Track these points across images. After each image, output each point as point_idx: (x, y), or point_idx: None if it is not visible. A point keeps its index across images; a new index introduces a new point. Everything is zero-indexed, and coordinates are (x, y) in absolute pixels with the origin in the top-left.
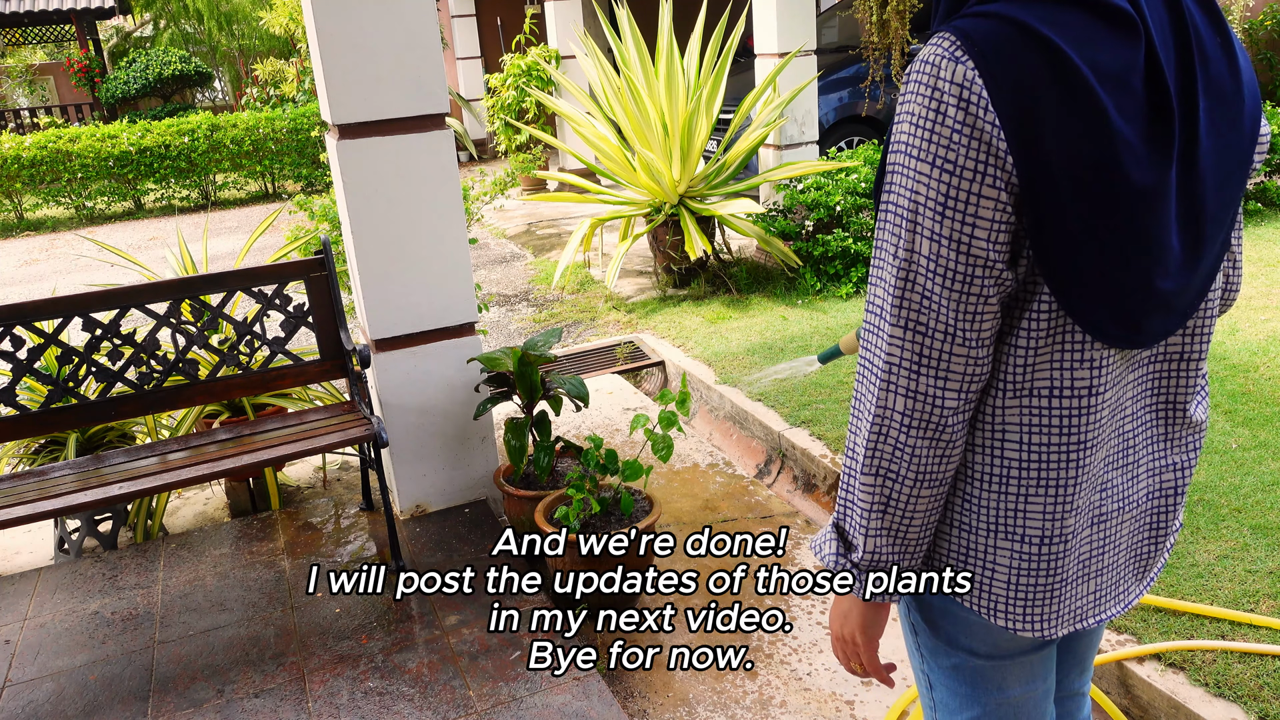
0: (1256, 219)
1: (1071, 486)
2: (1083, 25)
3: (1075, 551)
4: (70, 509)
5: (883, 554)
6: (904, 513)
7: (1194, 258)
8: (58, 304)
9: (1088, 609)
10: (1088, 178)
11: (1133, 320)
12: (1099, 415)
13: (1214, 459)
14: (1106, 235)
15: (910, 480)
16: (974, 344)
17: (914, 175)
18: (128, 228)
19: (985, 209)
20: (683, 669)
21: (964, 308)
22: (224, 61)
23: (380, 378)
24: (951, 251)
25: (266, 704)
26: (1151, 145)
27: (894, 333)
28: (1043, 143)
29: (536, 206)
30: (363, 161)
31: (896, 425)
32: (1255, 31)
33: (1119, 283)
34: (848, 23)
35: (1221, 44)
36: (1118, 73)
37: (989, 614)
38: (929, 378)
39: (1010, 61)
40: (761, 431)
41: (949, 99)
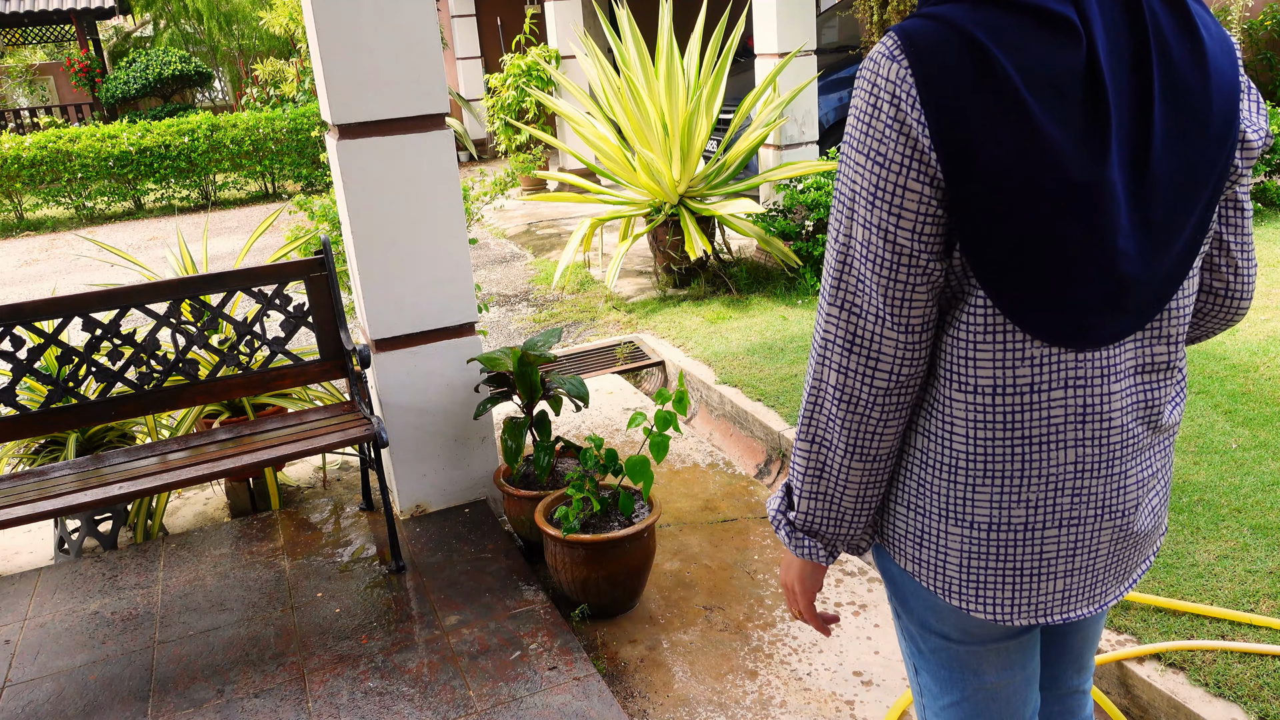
0: (1257, 219)
1: (1018, 479)
2: (1020, 30)
3: (1033, 545)
4: (70, 509)
5: (816, 518)
6: (837, 481)
7: (1144, 257)
8: (58, 304)
9: (1054, 605)
10: (1011, 177)
11: (1075, 318)
12: (1046, 413)
13: (1214, 459)
14: (1033, 235)
15: (841, 450)
16: (902, 330)
17: (852, 165)
18: (128, 228)
19: (910, 201)
20: (683, 669)
21: (891, 294)
22: (224, 61)
23: (380, 378)
24: (879, 239)
25: (266, 704)
26: (1084, 147)
27: (830, 311)
28: (969, 142)
29: (536, 206)
30: (363, 161)
31: (829, 398)
32: (1255, 31)
33: (1050, 281)
34: (848, 23)
35: (1191, 50)
36: (1050, 77)
37: (944, 594)
38: (860, 357)
39: (942, 63)
40: (761, 431)
41: (884, 95)
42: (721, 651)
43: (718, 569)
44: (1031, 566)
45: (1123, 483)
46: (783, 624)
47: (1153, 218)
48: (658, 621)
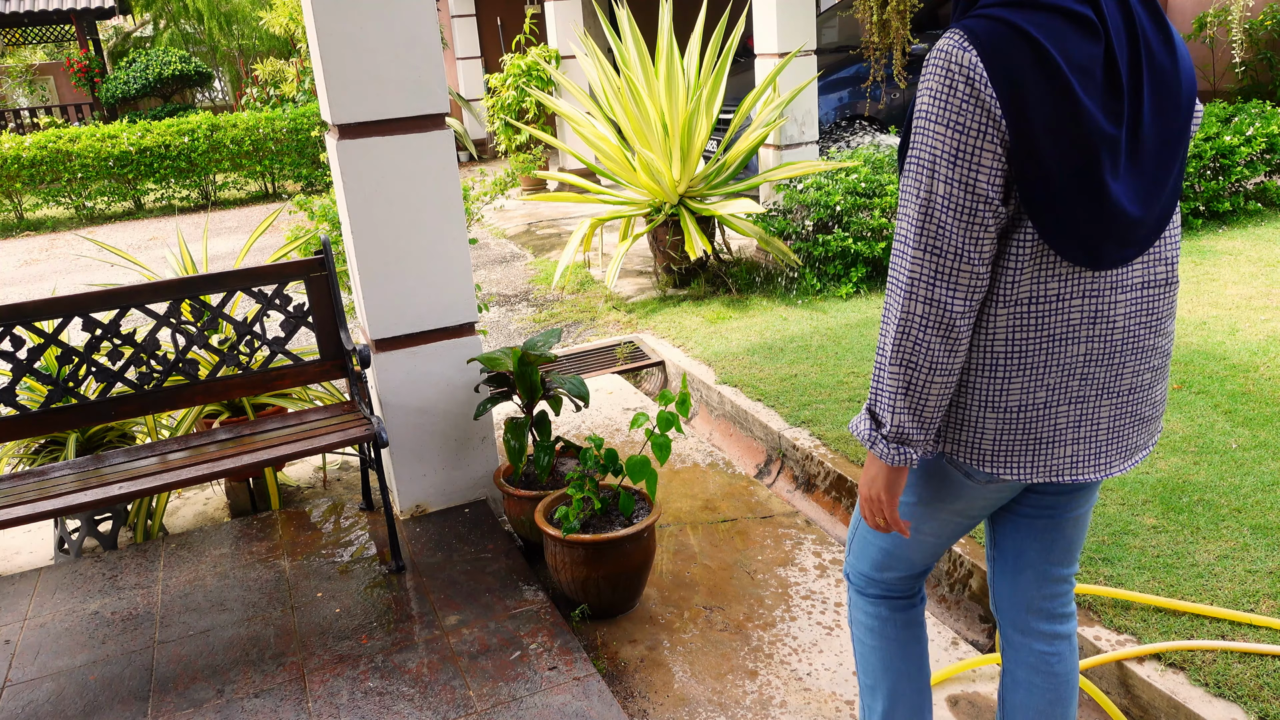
0: (1257, 219)
1: (1042, 369)
2: (1058, 26)
3: (1050, 419)
4: (70, 509)
5: (905, 428)
6: (922, 395)
7: (1142, 203)
8: (58, 304)
9: (1064, 468)
10: (1058, 137)
11: (1091, 246)
12: (1068, 317)
13: (1214, 459)
14: (1069, 183)
15: (926, 369)
16: (976, 262)
17: (932, 134)
18: (128, 228)
19: (986, 158)
20: (683, 669)
21: (970, 234)
22: (224, 61)
23: (380, 378)
24: (961, 191)
25: (266, 704)
26: (1106, 115)
27: (916, 254)
28: (1027, 110)
29: (536, 206)
30: (363, 161)
31: (917, 325)
32: (1255, 31)
33: (1077, 217)
34: (848, 23)
35: (1163, 40)
36: (1083, 62)
37: (979, 465)
38: (942, 288)
39: (1004, 52)
40: (761, 431)
41: (959, 78)
42: (721, 651)
43: (718, 569)
44: (1048, 436)
45: (1120, 372)
46: (783, 624)
47: (1145, 170)
48: (658, 621)
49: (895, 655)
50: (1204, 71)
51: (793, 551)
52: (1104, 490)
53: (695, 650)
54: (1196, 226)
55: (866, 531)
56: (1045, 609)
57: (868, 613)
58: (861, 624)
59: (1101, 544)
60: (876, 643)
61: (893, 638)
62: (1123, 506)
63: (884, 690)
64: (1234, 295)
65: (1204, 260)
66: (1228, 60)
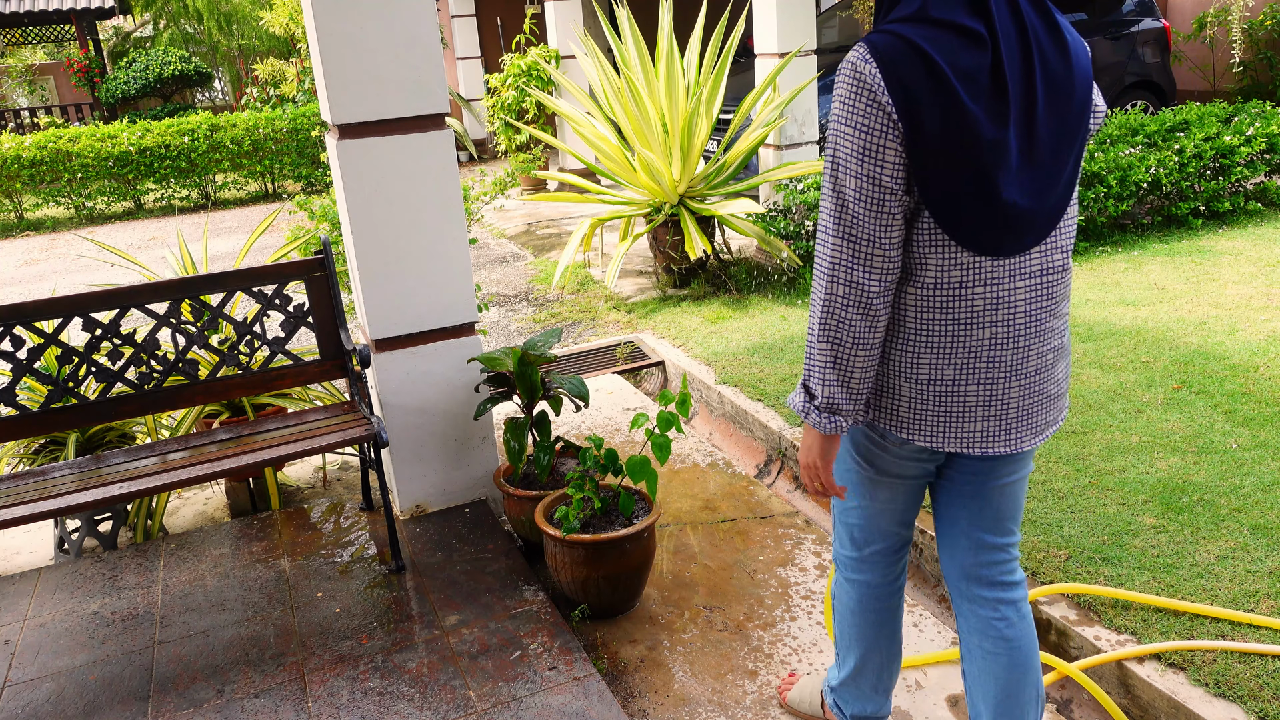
0: (1257, 219)
1: (948, 350)
2: (948, 39)
3: (959, 396)
4: (70, 509)
5: (835, 399)
6: (848, 368)
7: (1035, 196)
8: (58, 304)
9: (974, 441)
10: (947, 138)
11: (989, 237)
12: (972, 304)
13: (1214, 459)
14: (960, 178)
15: (850, 343)
16: (887, 246)
17: (842, 135)
18: (128, 228)
19: (889, 155)
20: (683, 669)
21: (879, 222)
22: (224, 61)
23: (380, 378)
24: (869, 184)
25: (266, 704)
26: (991, 117)
27: (835, 242)
28: (919, 114)
29: (536, 206)
30: (363, 161)
31: (839, 305)
32: (1255, 31)
33: (973, 211)
34: (848, 23)
35: (1056, 44)
36: (969, 70)
37: (896, 429)
38: (859, 271)
39: (899, 64)
40: (761, 431)
41: (862, 87)
42: (721, 651)
43: (718, 569)
44: (958, 410)
45: (1025, 354)
46: (783, 624)
47: (1040, 164)
48: (658, 621)
49: (869, 634)
50: (1204, 71)
51: (793, 551)
52: (1104, 490)
53: (695, 650)
54: (1196, 226)
55: (839, 514)
56: (984, 576)
57: (850, 595)
58: (843, 602)
59: (1101, 544)
60: (855, 620)
61: (872, 620)
62: (1123, 506)
63: (855, 655)
64: (1234, 295)
65: (1204, 260)
66: (1228, 60)
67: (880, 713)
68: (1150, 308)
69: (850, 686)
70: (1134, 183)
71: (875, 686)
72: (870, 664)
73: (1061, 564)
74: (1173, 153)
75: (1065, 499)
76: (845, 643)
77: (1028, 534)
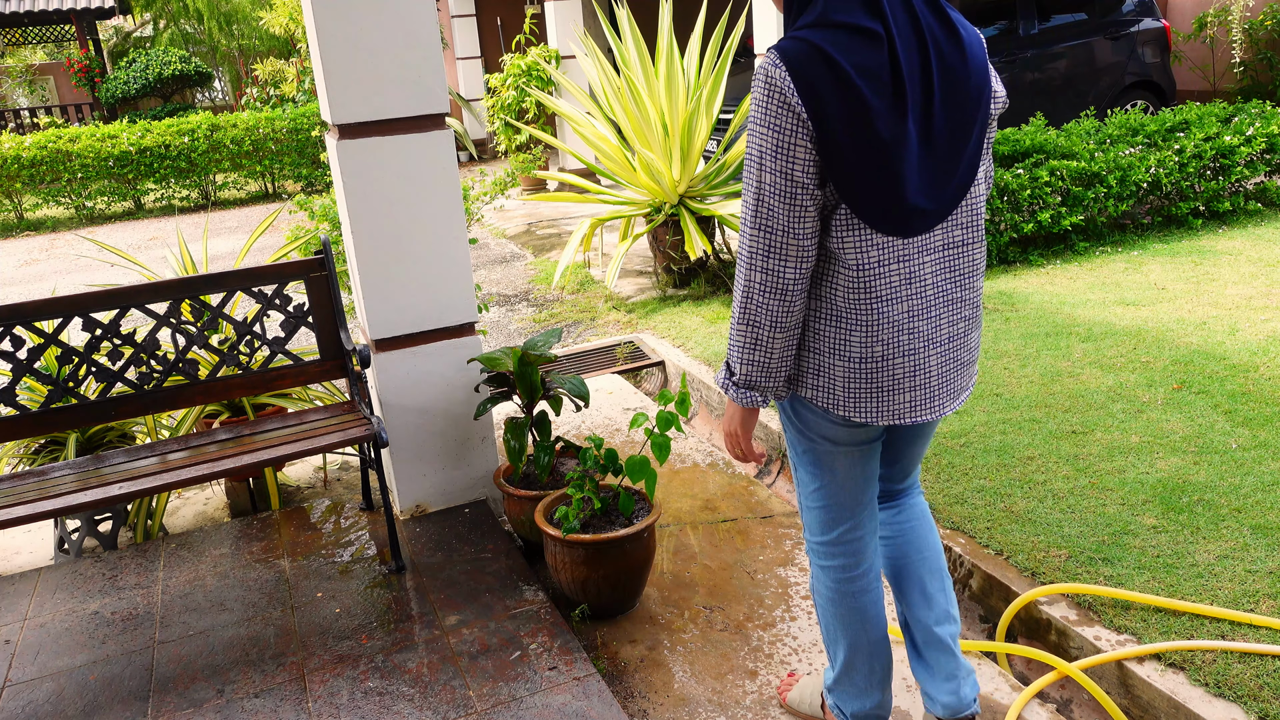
0: (1257, 219)
1: (875, 326)
2: (849, 41)
3: (888, 370)
4: (70, 509)
5: (753, 376)
6: (765, 348)
7: (936, 182)
8: (58, 304)
9: (905, 411)
10: (853, 132)
11: (898, 220)
12: (890, 280)
13: (1214, 459)
14: (867, 168)
15: (768, 326)
16: (801, 236)
17: (758, 135)
18: (128, 228)
19: (800, 152)
20: (683, 669)
21: (793, 214)
22: (224, 61)
23: (380, 378)
24: (783, 180)
25: (266, 704)
26: (893, 111)
27: (753, 233)
28: (826, 111)
29: (536, 206)
30: (363, 161)
31: (757, 291)
32: (1255, 31)
33: (880, 196)
34: None
35: (951, 39)
36: (871, 68)
37: (832, 408)
38: (775, 260)
39: (806, 66)
40: (761, 431)
41: (774, 90)
42: (721, 651)
43: (718, 569)
44: (888, 385)
45: (938, 324)
46: (783, 624)
47: (938, 154)
48: (658, 621)
49: (851, 621)
50: (1204, 71)
51: (793, 551)
52: (1104, 490)
53: (695, 650)
54: (1196, 226)
55: (805, 500)
56: (891, 504)
57: (826, 584)
58: (821, 594)
59: (1101, 544)
60: (834, 610)
61: (849, 606)
62: (1123, 506)
63: (844, 644)
64: (1234, 295)
65: (1204, 260)
66: (1228, 60)
67: (881, 709)
68: (1150, 308)
69: (845, 683)
70: (1134, 183)
71: (869, 680)
72: (859, 654)
73: (1061, 564)
74: (1173, 153)
75: (1065, 499)
76: (831, 636)
77: (1028, 534)
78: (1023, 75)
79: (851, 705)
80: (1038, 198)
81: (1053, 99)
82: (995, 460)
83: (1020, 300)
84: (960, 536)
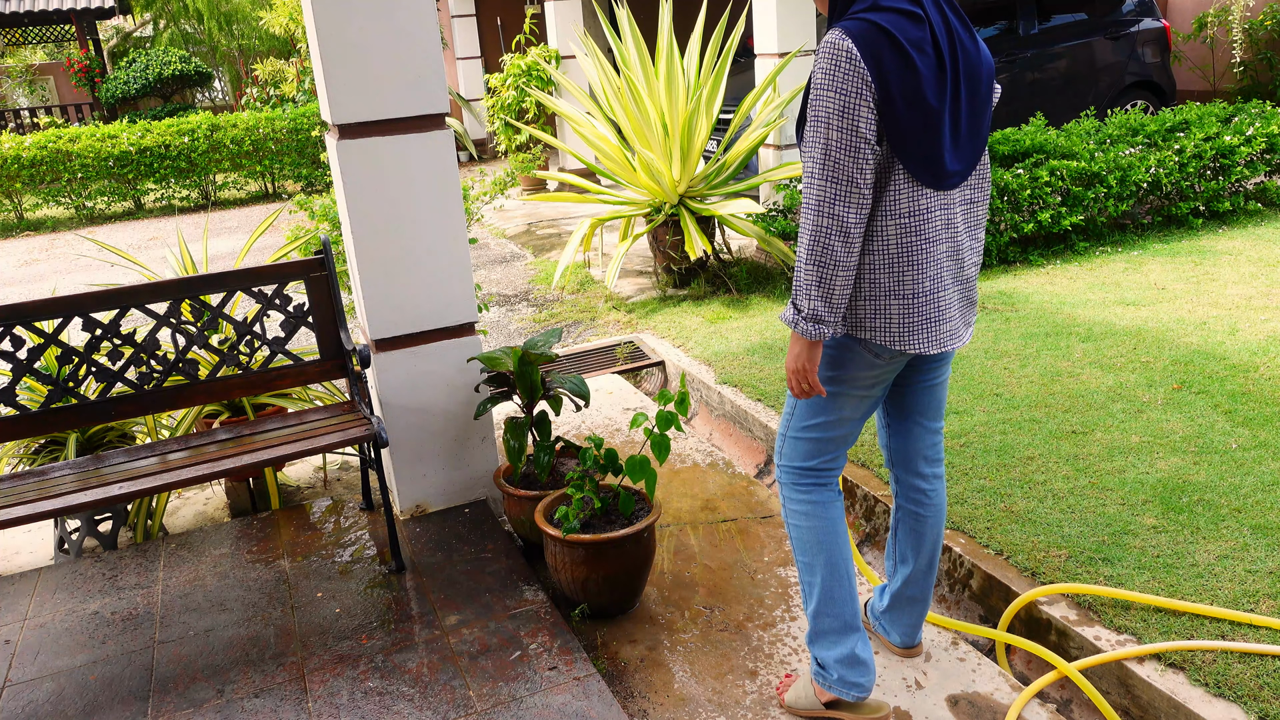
0: (1257, 219)
1: (924, 263)
2: (900, 21)
3: (935, 303)
4: (70, 509)
5: (819, 311)
6: (830, 286)
7: (962, 149)
8: (58, 304)
9: (947, 339)
10: (907, 96)
11: (938, 175)
12: (935, 225)
13: (1214, 459)
14: (916, 129)
15: (832, 266)
16: (863, 185)
17: (826, 99)
18: (128, 228)
19: (863, 111)
20: (683, 669)
21: (857, 165)
22: (224, 61)
23: (380, 378)
24: (849, 135)
25: (266, 704)
26: (937, 81)
27: (821, 184)
28: (887, 78)
29: (536, 206)
30: (363, 161)
31: (824, 234)
32: (1255, 31)
33: (925, 155)
34: None
35: (967, 31)
36: (918, 42)
37: (890, 343)
38: (841, 205)
39: (869, 38)
40: (761, 431)
41: (842, 59)
42: (721, 651)
43: (718, 569)
44: (934, 316)
45: (962, 263)
46: (783, 624)
47: (962, 122)
48: (658, 621)
49: (826, 532)
50: (1204, 71)
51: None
52: (1104, 490)
53: (695, 650)
54: (1197, 226)
55: (795, 432)
56: (927, 455)
57: (800, 501)
58: (796, 512)
59: (1101, 544)
60: (811, 524)
61: (822, 517)
62: (1123, 506)
63: (820, 563)
64: (1234, 295)
65: (1204, 260)
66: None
67: (861, 652)
68: (1150, 308)
69: (825, 618)
70: (1134, 183)
71: (844, 607)
72: (836, 574)
73: (1061, 564)
74: (1173, 153)
75: (1065, 499)
76: (808, 559)
77: (1028, 534)
78: (1023, 75)
79: (834, 651)
80: (1038, 198)
81: (1053, 99)
82: (995, 460)
83: (1020, 300)
84: (960, 536)
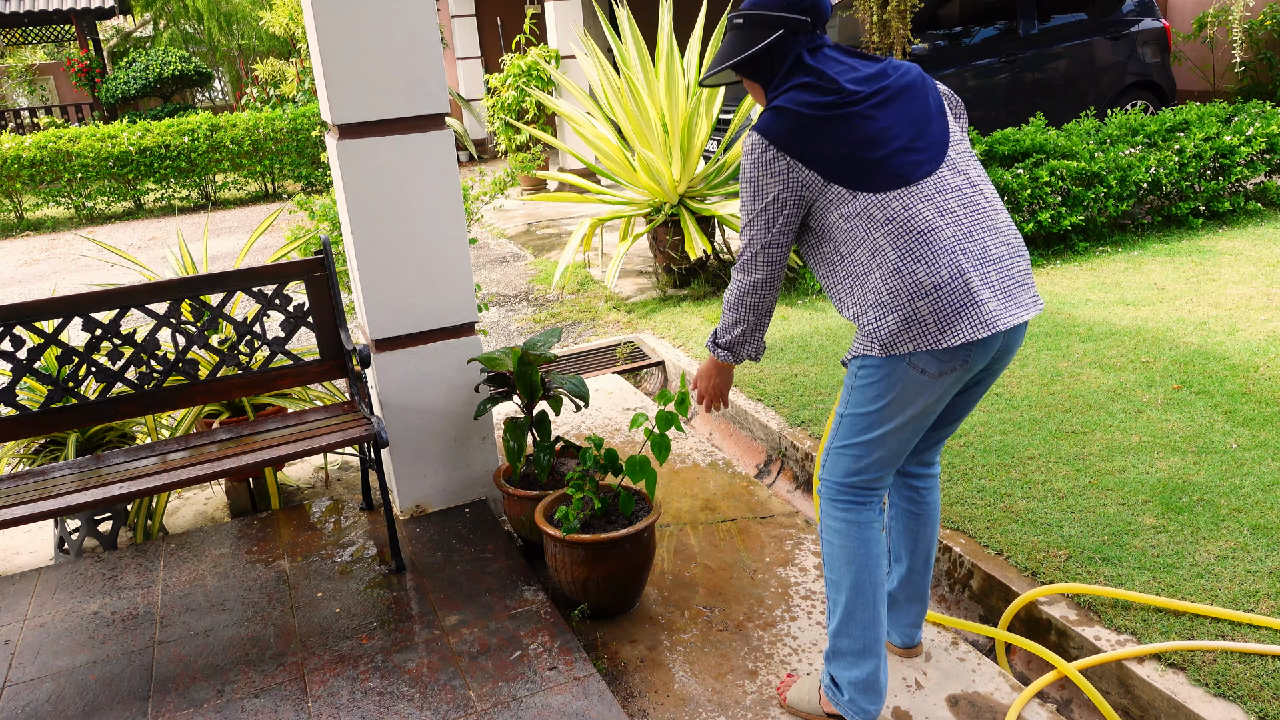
0: (1257, 219)
1: (931, 250)
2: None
3: (962, 287)
4: (70, 509)
5: (735, 345)
6: (761, 328)
7: (920, 140)
8: (58, 304)
9: (997, 320)
10: (840, 140)
11: (902, 176)
12: (925, 215)
13: (1214, 459)
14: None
15: (765, 313)
16: (788, 245)
17: (750, 190)
18: (128, 228)
19: (790, 194)
20: (683, 669)
21: (785, 234)
22: (224, 61)
23: (380, 378)
24: (782, 219)
25: (266, 704)
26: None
27: (754, 250)
28: (807, 148)
29: (536, 206)
30: (363, 161)
31: (760, 290)
32: (1255, 31)
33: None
34: (848, 23)
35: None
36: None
37: (930, 344)
38: (773, 266)
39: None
40: (761, 431)
41: (765, 164)
42: (721, 651)
43: (718, 569)
44: (968, 299)
45: (984, 244)
46: (783, 624)
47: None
48: (658, 621)
49: (858, 553)
50: (1204, 71)
51: (793, 551)
52: (1104, 490)
53: (695, 650)
54: (1196, 226)
55: (840, 448)
56: (925, 458)
57: (836, 517)
58: (830, 528)
59: (1101, 544)
60: (843, 542)
61: (856, 537)
62: (1123, 506)
63: (847, 583)
64: (1234, 295)
65: (1204, 260)
66: (1228, 60)
67: (874, 680)
68: (1150, 308)
69: (844, 637)
70: (1134, 183)
71: (867, 633)
72: (863, 596)
73: (1061, 564)
74: (1173, 153)
75: (1065, 499)
76: (836, 576)
77: (1028, 534)
78: (1023, 75)
79: (849, 673)
80: (1038, 198)
81: (1053, 99)
82: (995, 460)
83: None
84: (960, 536)
